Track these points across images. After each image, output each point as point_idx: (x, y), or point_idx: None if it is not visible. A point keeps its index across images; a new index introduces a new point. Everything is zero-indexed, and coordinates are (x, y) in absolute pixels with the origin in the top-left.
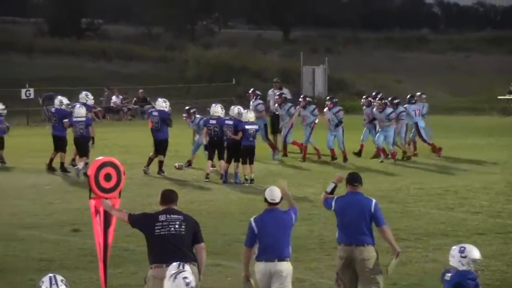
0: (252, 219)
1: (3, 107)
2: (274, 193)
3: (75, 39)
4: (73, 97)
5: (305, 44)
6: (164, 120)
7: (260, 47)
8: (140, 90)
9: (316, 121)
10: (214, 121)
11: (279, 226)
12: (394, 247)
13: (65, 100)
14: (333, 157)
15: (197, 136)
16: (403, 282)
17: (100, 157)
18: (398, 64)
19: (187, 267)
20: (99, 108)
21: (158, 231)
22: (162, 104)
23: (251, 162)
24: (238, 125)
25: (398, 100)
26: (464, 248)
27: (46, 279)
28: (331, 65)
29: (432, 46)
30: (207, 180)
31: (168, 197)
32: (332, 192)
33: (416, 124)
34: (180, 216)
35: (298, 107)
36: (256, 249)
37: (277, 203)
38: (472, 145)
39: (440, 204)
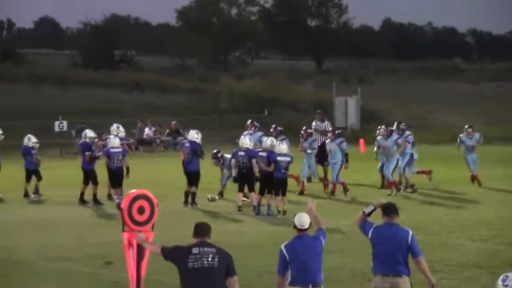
0: (282, 246)
1: (36, 140)
2: (303, 219)
3: (109, 71)
4: (107, 130)
5: (338, 74)
6: (195, 151)
7: (293, 77)
8: (173, 122)
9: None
10: (243, 153)
11: (310, 252)
12: (429, 278)
13: (90, 133)
14: (345, 189)
15: (224, 170)
16: None
17: (133, 190)
18: (431, 94)
19: None
20: (132, 140)
21: (192, 264)
22: (194, 135)
23: (284, 194)
24: (271, 156)
25: (405, 126)
26: (507, 276)
27: None
28: (364, 95)
29: (465, 75)
30: (239, 212)
31: (201, 229)
32: (369, 214)
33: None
34: (213, 249)
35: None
36: (289, 275)
37: (306, 229)
38: (505, 175)
39: (473, 235)
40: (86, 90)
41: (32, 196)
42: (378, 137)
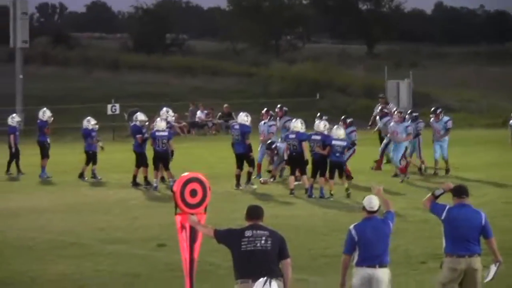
0: (351, 226)
1: (95, 122)
2: (373, 201)
3: (160, 55)
4: (157, 113)
5: (389, 58)
6: (244, 134)
7: (343, 61)
8: (225, 105)
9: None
10: (293, 136)
11: (378, 234)
12: (497, 256)
13: (141, 116)
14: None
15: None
16: None
17: (186, 173)
18: (483, 78)
19: (273, 283)
20: (184, 123)
21: (245, 246)
22: (244, 118)
23: (340, 177)
24: (326, 140)
25: (417, 114)
26: None
27: None
28: (415, 79)
29: None
30: (291, 195)
31: (254, 212)
32: (438, 197)
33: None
34: (266, 232)
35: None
36: (356, 256)
37: (375, 211)
38: None
39: None
40: (138, 74)
41: (86, 179)
42: (392, 123)
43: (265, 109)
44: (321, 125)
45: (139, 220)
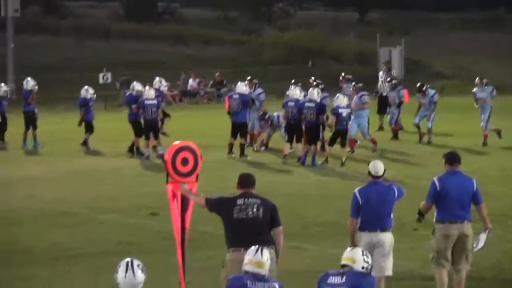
0: (356, 190)
1: (93, 91)
2: (378, 166)
3: (152, 23)
4: (150, 81)
5: (382, 26)
6: (245, 103)
7: (336, 29)
8: (217, 73)
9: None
10: (292, 103)
11: (381, 198)
12: (487, 223)
13: (138, 86)
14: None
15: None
16: (482, 263)
17: (177, 142)
18: (475, 45)
19: (265, 251)
20: (176, 92)
21: (236, 215)
22: (243, 87)
23: (343, 146)
24: (320, 107)
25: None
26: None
27: (123, 264)
28: (407, 46)
29: (509, 26)
30: (283, 161)
31: (246, 180)
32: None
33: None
34: (257, 200)
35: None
36: (359, 220)
37: (380, 176)
38: None
39: None
40: (129, 42)
41: (91, 147)
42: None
43: (249, 77)
44: (314, 92)
45: (131, 189)
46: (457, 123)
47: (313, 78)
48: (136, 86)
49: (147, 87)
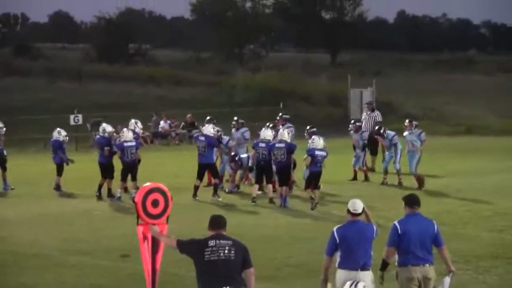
0: (334, 228)
1: (66, 134)
2: (357, 204)
3: (124, 65)
4: (121, 123)
5: (353, 67)
6: (211, 145)
7: (307, 70)
8: (188, 115)
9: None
10: (263, 145)
11: (361, 236)
12: (450, 266)
13: (108, 128)
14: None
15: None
16: None
17: (148, 183)
18: (446, 86)
19: None
20: (147, 133)
21: (208, 256)
22: (210, 129)
23: (316, 187)
24: (290, 147)
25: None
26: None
27: None
28: (379, 87)
29: (480, 67)
30: (253, 203)
31: (217, 222)
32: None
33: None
34: (229, 242)
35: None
36: (338, 257)
37: (359, 214)
38: None
39: (489, 226)
40: (101, 84)
41: (63, 190)
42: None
43: (235, 118)
44: (285, 133)
45: (102, 231)
46: (427, 164)
47: (280, 114)
48: (107, 128)
49: (125, 129)
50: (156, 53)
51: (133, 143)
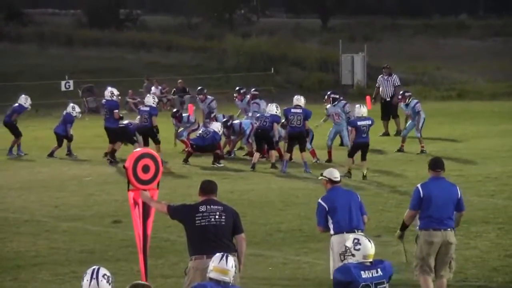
0: (319, 199)
1: (80, 110)
2: (334, 172)
3: (114, 30)
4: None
5: (344, 32)
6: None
7: (298, 35)
8: (179, 80)
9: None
10: (268, 115)
11: (349, 199)
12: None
13: (116, 91)
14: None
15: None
16: None
17: (138, 149)
18: (437, 51)
19: (230, 257)
20: (138, 99)
21: (199, 222)
22: (217, 126)
23: (363, 159)
24: (307, 114)
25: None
26: (358, 240)
27: (88, 272)
28: (370, 52)
29: (471, 32)
30: (252, 170)
31: (208, 187)
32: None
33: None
34: (220, 207)
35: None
36: (330, 224)
37: (339, 181)
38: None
39: (480, 191)
40: (92, 50)
41: (75, 155)
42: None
43: (237, 88)
44: (301, 99)
45: (94, 197)
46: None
47: (253, 89)
48: (115, 91)
49: (148, 95)
50: (146, 19)
51: (147, 109)
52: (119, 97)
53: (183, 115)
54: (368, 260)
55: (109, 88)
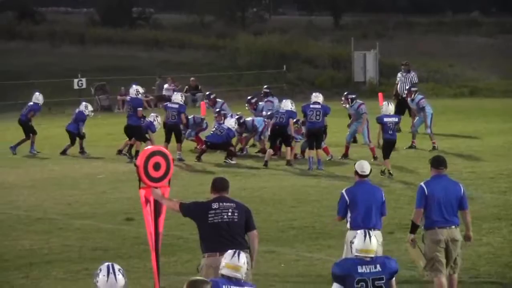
0: (343, 190)
1: (92, 109)
2: (364, 166)
3: (127, 28)
4: (125, 86)
5: (356, 29)
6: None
7: (310, 33)
8: (192, 78)
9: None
10: (283, 111)
11: (370, 197)
12: (469, 231)
13: (141, 89)
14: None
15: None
16: None
17: (149, 146)
18: (449, 48)
19: (242, 254)
20: (151, 97)
21: (212, 219)
22: (232, 123)
23: (387, 157)
24: (326, 109)
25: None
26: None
27: (104, 268)
28: (382, 50)
29: (484, 29)
30: (265, 167)
31: (220, 184)
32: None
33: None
34: (232, 204)
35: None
36: (348, 218)
37: (367, 175)
38: None
39: (493, 187)
40: (104, 48)
41: (87, 153)
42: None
43: (248, 98)
44: (320, 96)
45: (106, 195)
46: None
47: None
48: (141, 89)
49: (175, 92)
50: (159, 17)
51: (176, 106)
52: (145, 95)
53: (189, 117)
54: (368, 255)
55: (134, 86)
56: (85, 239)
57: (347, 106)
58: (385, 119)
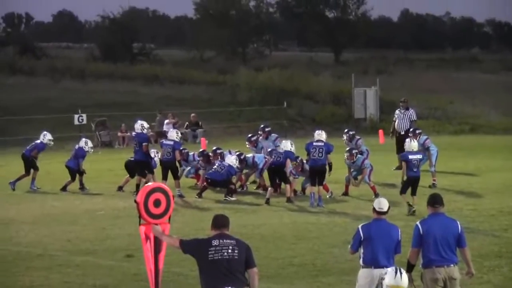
0: (359, 226)
1: (92, 145)
2: (382, 202)
3: (127, 64)
4: (126, 122)
5: (357, 65)
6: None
7: (311, 69)
8: (192, 114)
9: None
10: (281, 151)
11: (385, 235)
12: (470, 268)
13: (146, 124)
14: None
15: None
16: None
17: (149, 183)
18: (450, 84)
19: None
20: (151, 133)
21: (212, 256)
22: (233, 159)
23: (414, 193)
24: (329, 148)
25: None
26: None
27: None
28: (382, 86)
29: (483, 65)
30: (266, 204)
31: (220, 221)
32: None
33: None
34: (232, 241)
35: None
36: (361, 254)
37: (385, 212)
38: None
39: (494, 225)
40: (105, 83)
41: (87, 189)
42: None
43: (262, 126)
44: (323, 133)
45: (106, 231)
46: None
47: (262, 126)
48: (146, 124)
49: (171, 129)
50: (159, 52)
51: (171, 143)
52: (149, 130)
53: (189, 153)
54: None
55: (139, 121)
56: (85, 275)
57: (349, 143)
58: (410, 157)
